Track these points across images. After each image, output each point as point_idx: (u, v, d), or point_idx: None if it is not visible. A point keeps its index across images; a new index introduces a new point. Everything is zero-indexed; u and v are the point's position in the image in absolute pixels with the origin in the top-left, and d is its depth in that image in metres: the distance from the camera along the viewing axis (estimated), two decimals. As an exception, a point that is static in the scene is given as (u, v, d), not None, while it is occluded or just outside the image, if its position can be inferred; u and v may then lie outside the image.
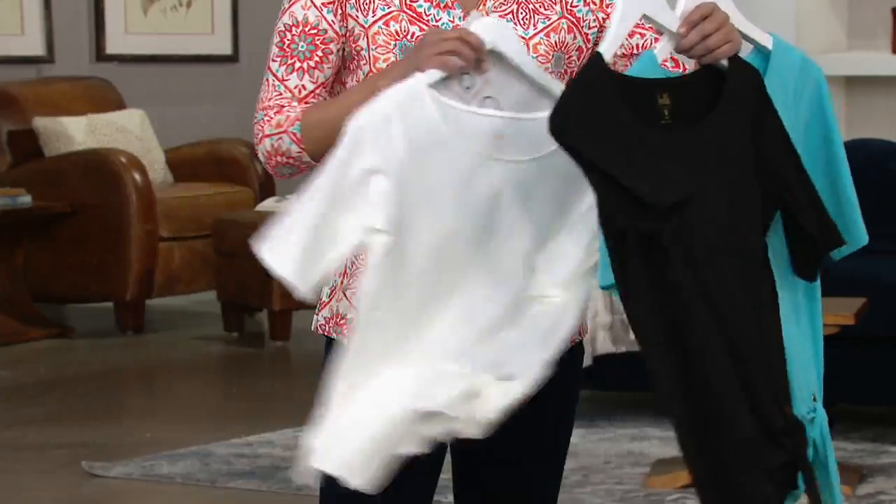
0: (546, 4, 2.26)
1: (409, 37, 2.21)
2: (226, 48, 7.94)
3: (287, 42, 2.24)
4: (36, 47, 7.36)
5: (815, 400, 2.16)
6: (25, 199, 6.49)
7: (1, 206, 6.42)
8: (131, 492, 4.31)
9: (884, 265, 4.86)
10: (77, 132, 6.81)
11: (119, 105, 7.16)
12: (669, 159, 2.08)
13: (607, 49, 2.10)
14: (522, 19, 2.24)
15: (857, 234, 2.20)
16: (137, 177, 6.57)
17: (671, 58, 2.21)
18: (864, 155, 5.35)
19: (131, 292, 6.59)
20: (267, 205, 6.59)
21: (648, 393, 5.19)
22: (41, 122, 6.80)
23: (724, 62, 2.12)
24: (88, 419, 5.20)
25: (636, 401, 5.11)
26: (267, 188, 7.05)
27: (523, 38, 2.23)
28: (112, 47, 7.56)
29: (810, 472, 2.08)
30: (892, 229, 5.24)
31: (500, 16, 2.23)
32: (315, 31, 2.23)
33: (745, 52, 2.20)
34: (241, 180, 7.11)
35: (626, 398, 5.20)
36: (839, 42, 6.55)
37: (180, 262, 6.74)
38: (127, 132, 6.95)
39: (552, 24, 2.25)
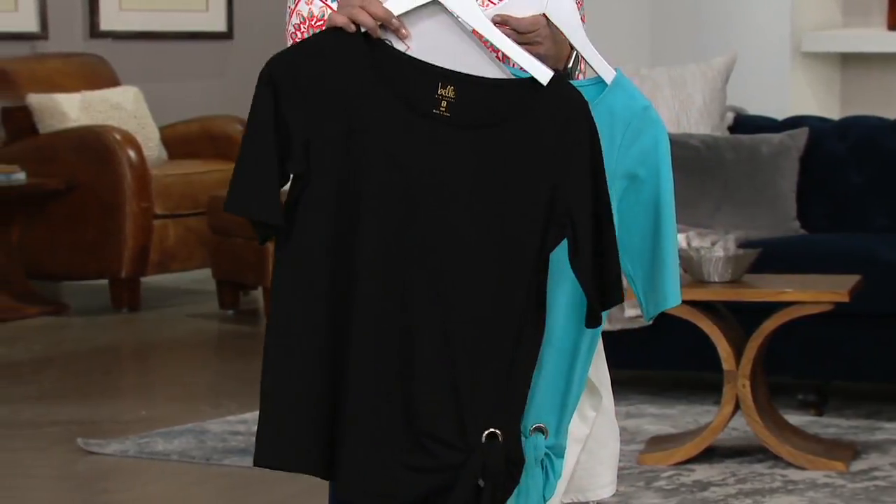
0: None
1: None
2: (220, 25, 7.92)
3: (300, 39, 2.27)
4: (30, 23, 7.34)
5: (538, 431, 2.14)
6: (20, 177, 6.48)
7: (-5, 184, 6.41)
8: (126, 469, 4.32)
9: (879, 242, 4.86)
10: (71, 109, 6.80)
11: (113, 82, 7.14)
12: (403, 148, 2.03)
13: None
14: None
15: (667, 297, 2.20)
16: (132, 154, 6.57)
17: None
18: (859, 132, 5.35)
19: (126, 269, 6.59)
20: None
21: (643, 370, 5.21)
22: (35, 99, 6.79)
23: (544, 80, 2.07)
24: (84, 396, 5.21)
25: (630, 378, 5.12)
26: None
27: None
28: (106, 23, 7.54)
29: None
30: (887, 206, 5.24)
31: None
32: (322, 22, 2.25)
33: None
34: (236, 157, 7.10)
35: (620, 375, 5.20)
36: (834, 19, 6.54)
37: (175, 240, 6.74)
38: (121, 109, 6.93)
39: None
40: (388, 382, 2.04)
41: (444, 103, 2.05)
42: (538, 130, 2.05)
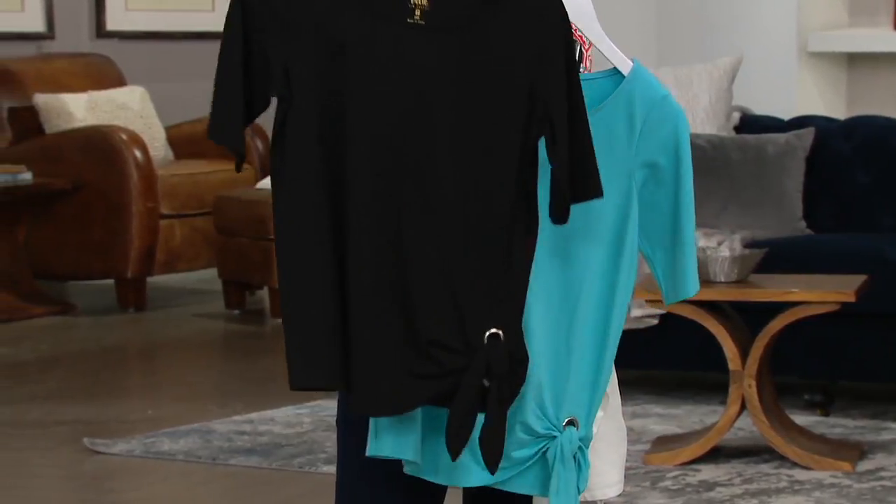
0: None
1: None
2: (226, 25, 7.93)
3: None
4: (36, 23, 7.35)
5: (570, 424, 2.16)
6: (26, 176, 6.49)
7: (2, 183, 6.42)
8: (133, 468, 4.32)
9: (885, 242, 4.86)
10: (78, 109, 6.80)
11: (119, 82, 7.15)
12: (387, 58, 2.03)
13: None
14: None
15: (687, 284, 2.23)
16: (138, 154, 6.57)
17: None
18: (866, 132, 5.35)
19: (132, 269, 6.60)
20: (268, 182, 6.59)
21: (649, 370, 5.21)
22: (42, 99, 6.80)
23: None
24: (90, 396, 5.21)
25: (636, 378, 5.12)
26: (267, 166, 7.05)
27: None
28: (112, 23, 7.55)
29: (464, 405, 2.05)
30: (893, 206, 5.24)
31: None
32: None
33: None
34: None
35: (626, 375, 5.21)
36: (841, 19, 6.54)
37: (181, 240, 6.75)
38: (127, 109, 6.94)
39: None
40: (385, 296, 2.06)
41: (417, 11, 2.07)
42: (513, 29, 2.07)
